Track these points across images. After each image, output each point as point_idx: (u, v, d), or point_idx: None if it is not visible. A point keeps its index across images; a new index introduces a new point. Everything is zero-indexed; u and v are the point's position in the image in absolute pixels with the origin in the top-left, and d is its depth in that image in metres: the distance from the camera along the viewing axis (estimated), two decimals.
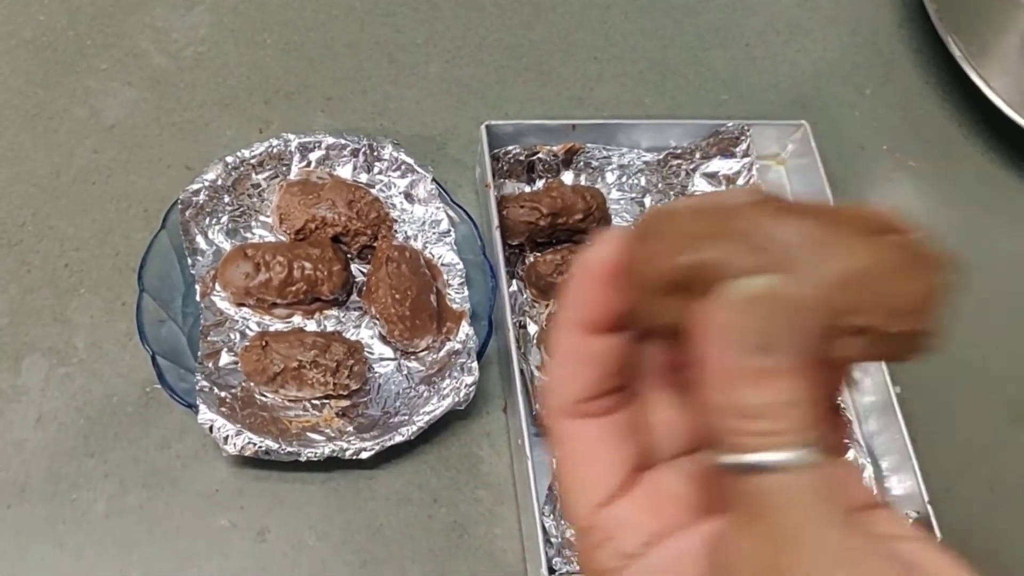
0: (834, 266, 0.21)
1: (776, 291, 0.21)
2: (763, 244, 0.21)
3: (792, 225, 0.22)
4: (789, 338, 0.21)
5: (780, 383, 0.21)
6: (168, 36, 0.72)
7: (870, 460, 0.61)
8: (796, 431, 0.21)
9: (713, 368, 0.21)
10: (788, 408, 0.21)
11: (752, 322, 0.21)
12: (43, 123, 0.67)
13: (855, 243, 0.22)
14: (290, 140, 0.63)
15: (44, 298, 0.61)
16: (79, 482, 0.55)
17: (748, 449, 0.21)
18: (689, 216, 0.23)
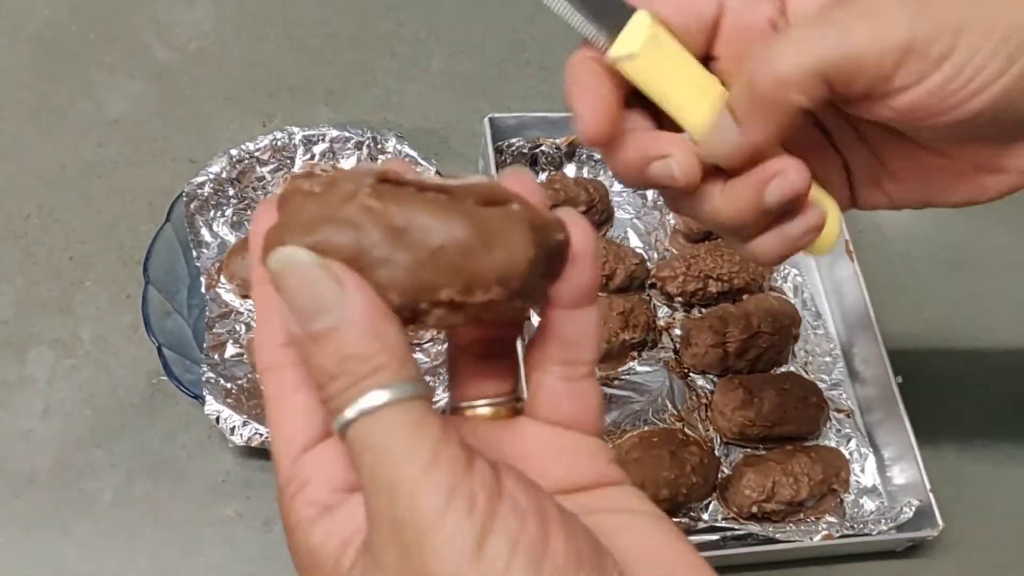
0: (415, 248, 0.22)
1: (298, 258, 0.22)
2: (361, 229, 0.22)
3: (392, 209, 0.23)
4: (335, 294, 0.22)
5: (338, 339, 0.22)
6: (171, 30, 0.73)
7: (872, 450, 0.61)
8: (366, 376, 0.22)
9: (295, 344, 0.23)
10: (356, 359, 0.22)
11: (291, 293, 0.22)
12: (48, 117, 0.67)
13: (450, 221, 0.23)
14: (294, 133, 0.63)
15: (50, 290, 0.61)
16: (86, 472, 0.56)
17: (340, 408, 0.22)
18: (311, 198, 0.23)
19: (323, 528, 0.24)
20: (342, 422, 0.22)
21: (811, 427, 0.60)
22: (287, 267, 0.22)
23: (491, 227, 0.23)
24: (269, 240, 0.23)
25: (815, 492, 0.57)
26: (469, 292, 0.23)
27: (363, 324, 0.22)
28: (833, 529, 0.56)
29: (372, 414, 0.22)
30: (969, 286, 0.70)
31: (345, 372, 0.22)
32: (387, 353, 0.22)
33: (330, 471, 0.24)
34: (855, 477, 0.60)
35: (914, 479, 0.58)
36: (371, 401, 0.22)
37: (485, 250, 0.23)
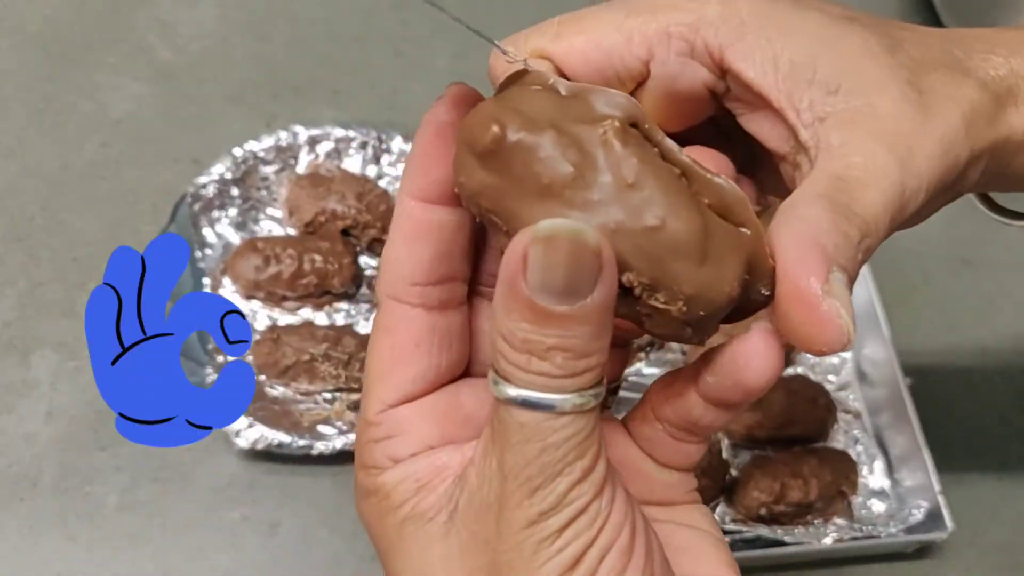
0: (629, 213, 0.21)
1: (587, 239, 0.20)
2: (587, 167, 0.21)
3: (630, 158, 0.21)
4: (589, 287, 0.20)
5: (565, 326, 0.20)
6: (174, 30, 0.72)
7: (881, 452, 0.61)
8: (569, 377, 0.21)
9: (506, 296, 0.21)
10: (570, 354, 0.21)
11: (553, 263, 0.20)
12: (51, 117, 0.67)
13: (681, 210, 0.21)
14: (298, 133, 0.63)
15: (53, 292, 0.61)
16: (91, 476, 0.55)
17: (516, 382, 0.21)
18: (543, 96, 0.22)
19: (399, 473, 0.24)
20: (514, 396, 0.21)
21: (819, 429, 0.60)
22: (562, 237, 0.20)
23: (713, 240, 0.21)
24: (481, 115, 0.21)
25: (824, 494, 0.56)
26: (652, 290, 0.21)
27: (597, 322, 0.21)
28: (842, 531, 0.56)
29: (553, 412, 0.21)
30: (979, 285, 0.69)
31: (554, 360, 0.21)
32: (599, 356, 0.21)
33: (422, 433, 0.24)
34: (864, 479, 0.60)
35: (923, 481, 0.57)
36: (559, 400, 0.21)
37: (695, 260, 0.21)
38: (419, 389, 0.24)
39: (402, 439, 0.24)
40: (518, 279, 0.20)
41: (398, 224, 0.24)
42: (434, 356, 0.25)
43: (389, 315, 0.24)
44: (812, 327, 0.21)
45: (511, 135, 0.21)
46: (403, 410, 0.24)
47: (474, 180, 0.22)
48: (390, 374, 0.24)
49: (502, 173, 0.21)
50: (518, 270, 0.20)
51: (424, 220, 0.24)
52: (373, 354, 0.25)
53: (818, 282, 0.21)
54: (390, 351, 0.24)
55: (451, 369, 0.25)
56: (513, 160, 0.21)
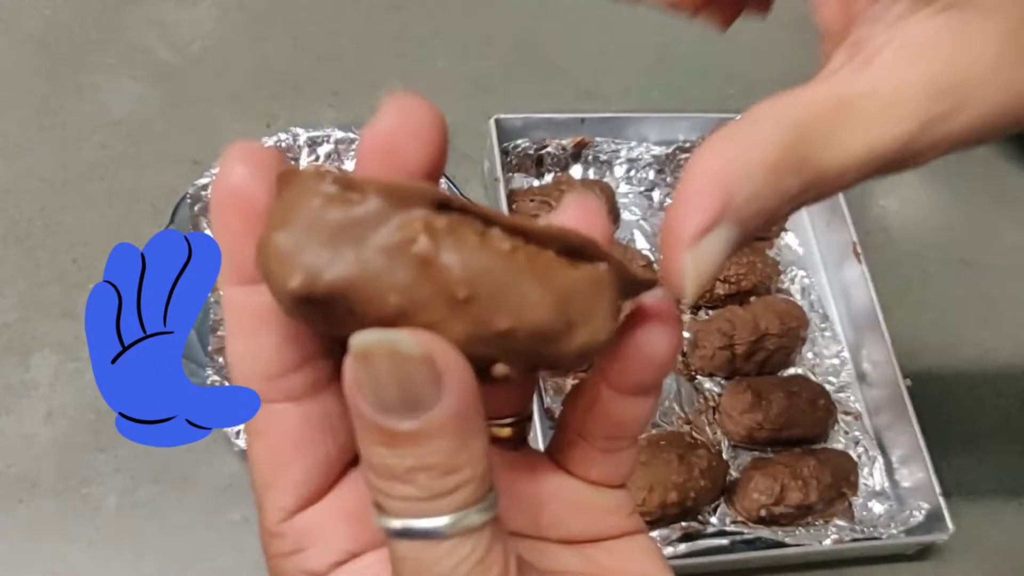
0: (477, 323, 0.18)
1: (402, 348, 0.17)
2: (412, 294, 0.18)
3: (455, 275, 0.18)
4: (431, 396, 0.18)
5: (419, 444, 0.18)
6: (174, 30, 0.72)
7: (881, 453, 0.61)
8: (439, 497, 0.18)
9: (356, 422, 0.19)
10: (434, 471, 0.18)
11: (380, 381, 0.18)
12: (50, 118, 0.67)
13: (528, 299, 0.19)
14: (299, 134, 0.63)
15: (53, 293, 0.60)
16: (90, 477, 0.55)
17: (389, 511, 0.19)
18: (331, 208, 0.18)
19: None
20: (396, 529, 0.19)
21: (819, 430, 0.60)
22: (382, 350, 0.17)
23: (575, 299, 0.19)
24: (278, 253, 0.18)
25: (824, 495, 0.56)
26: (531, 368, 0.20)
27: (454, 433, 0.18)
28: (843, 533, 0.56)
29: (437, 539, 0.18)
30: (978, 286, 0.69)
31: (417, 483, 0.18)
32: (471, 468, 0.18)
33: (335, 539, 0.22)
34: (864, 480, 0.60)
35: (924, 482, 0.57)
36: (439, 523, 0.18)
37: (565, 333, 0.19)
38: (315, 488, 0.22)
39: (316, 551, 0.21)
40: (357, 402, 0.18)
41: (230, 318, 0.21)
42: (318, 449, 0.21)
43: (254, 420, 0.21)
44: (666, 272, 0.21)
45: (316, 288, 0.18)
46: (307, 515, 0.22)
47: (300, 318, 0.19)
48: (277, 480, 0.21)
49: (326, 315, 0.19)
50: (355, 393, 0.18)
51: (256, 305, 0.20)
52: (252, 461, 0.22)
53: (691, 233, 0.20)
54: (268, 456, 0.21)
55: (345, 452, 0.22)
56: (332, 304, 0.18)
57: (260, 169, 0.20)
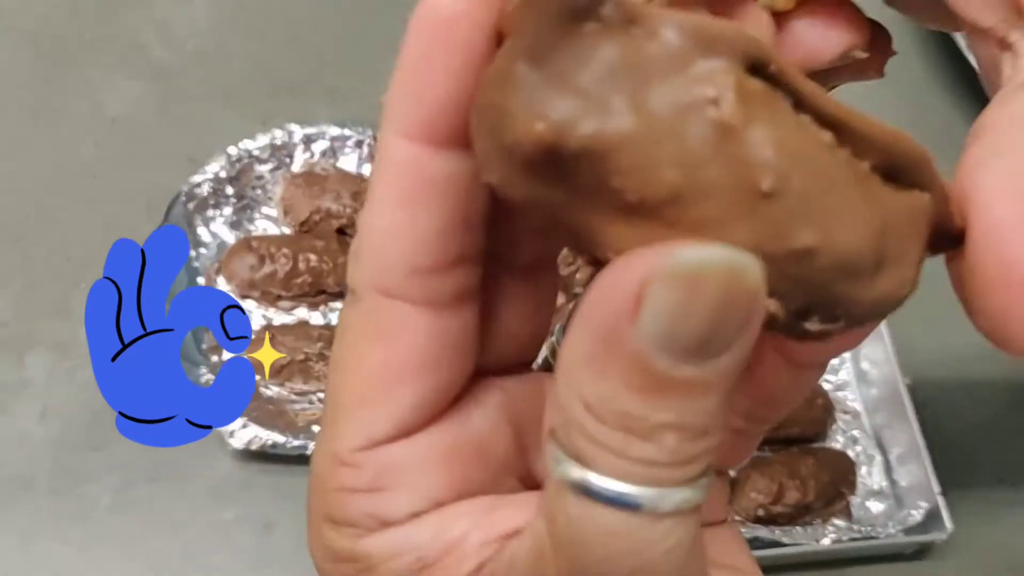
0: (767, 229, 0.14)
1: (747, 279, 0.13)
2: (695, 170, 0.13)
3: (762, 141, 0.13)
4: (727, 344, 0.14)
5: (686, 397, 0.14)
6: (169, 28, 0.72)
7: (880, 452, 0.61)
8: (682, 465, 0.15)
9: (598, 348, 0.14)
10: (687, 433, 0.14)
11: (693, 312, 0.13)
12: (45, 117, 0.67)
13: (844, 216, 0.14)
14: (294, 132, 0.63)
15: (48, 292, 0.60)
16: (84, 476, 0.55)
17: (602, 469, 0.14)
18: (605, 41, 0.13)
19: (391, 542, 0.17)
20: (598, 489, 0.15)
21: (818, 429, 0.60)
22: (714, 277, 0.13)
23: (891, 232, 0.15)
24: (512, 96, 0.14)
25: (822, 495, 0.56)
26: (804, 315, 0.15)
27: (726, 389, 0.14)
28: (840, 532, 0.55)
29: (652, 514, 0.15)
30: None
31: (662, 443, 0.14)
32: (717, 434, 0.15)
33: (425, 484, 0.17)
34: (862, 479, 0.59)
35: (922, 481, 0.57)
36: (662, 497, 0.15)
37: (871, 272, 0.15)
38: (420, 420, 0.17)
39: (397, 493, 0.17)
40: (624, 328, 0.14)
41: (389, 181, 0.16)
42: (444, 374, 0.17)
43: (379, 317, 0.17)
44: (1018, 318, 0.15)
45: (572, 139, 0.13)
46: (396, 449, 0.17)
47: (516, 189, 0.15)
48: (380, 399, 0.17)
49: (563, 184, 0.14)
50: (625, 315, 0.13)
51: (432, 173, 0.16)
52: (351, 369, 0.17)
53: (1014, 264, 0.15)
54: (381, 367, 0.17)
55: (460, 385, 0.18)
56: (579, 169, 0.14)
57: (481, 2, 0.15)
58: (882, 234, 0.15)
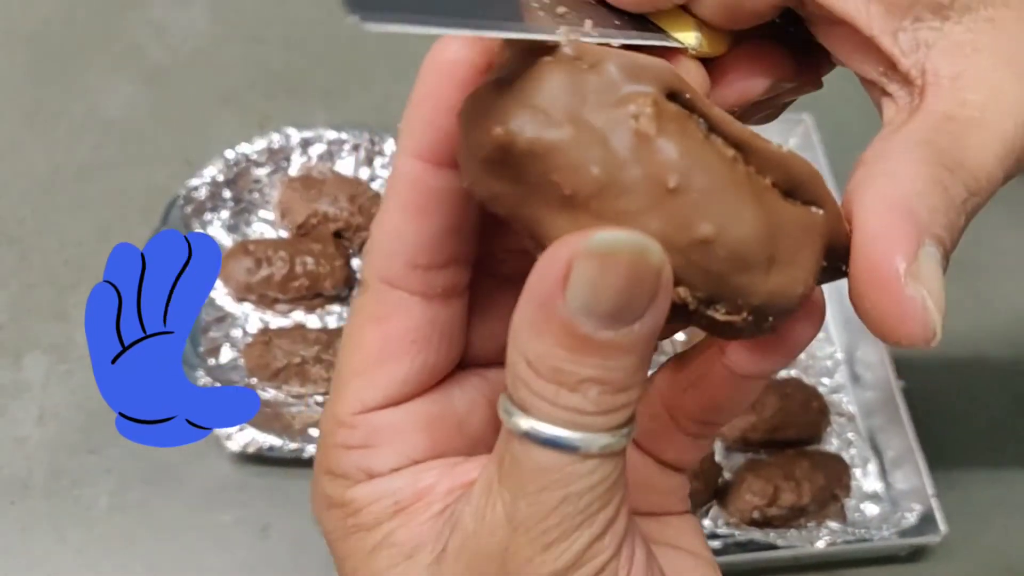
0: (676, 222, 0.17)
1: (650, 257, 0.17)
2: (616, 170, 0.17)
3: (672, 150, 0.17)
4: (641, 311, 0.17)
5: (606, 356, 0.17)
6: (167, 31, 0.72)
7: (874, 454, 0.61)
8: (604, 414, 0.18)
9: (537, 315, 0.17)
10: (608, 387, 0.17)
11: (607, 284, 0.16)
12: (42, 119, 0.67)
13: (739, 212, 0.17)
14: (291, 135, 0.63)
15: (44, 295, 0.60)
16: (81, 478, 0.55)
17: (538, 415, 0.18)
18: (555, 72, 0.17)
19: (373, 490, 0.21)
20: (535, 432, 0.18)
21: (813, 432, 0.60)
22: (623, 254, 0.16)
23: (781, 237, 0.18)
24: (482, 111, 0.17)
25: (817, 497, 0.56)
26: (710, 303, 0.18)
27: (643, 352, 0.17)
28: (835, 535, 0.55)
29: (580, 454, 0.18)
30: (973, 287, 0.69)
31: (587, 394, 0.17)
32: (636, 390, 0.18)
33: (406, 445, 0.21)
34: (857, 482, 0.60)
35: (917, 484, 0.57)
36: (588, 440, 0.18)
37: (761, 267, 0.17)
38: (408, 391, 0.21)
39: (382, 451, 0.21)
40: (555, 297, 0.17)
41: (398, 191, 0.20)
42: (431, 353, 0.21)
43: (381, 302, 0.20)
44: (890, 317, 0.19)
45: (520, 140, 0.17)
46: (386, 415, 0.21)
47: (483, 187, 0.18)
48: (376, 371, 0.21)
49: (516, 180, 0.18)
50: (556, 287, 0.17)
51: (433, 187, 0.20)
52: (354, 345, 0.21)
53: (903, 261, 0.18)
54: (379, 344, 0.21)
55: (447, 366, 0.22)
56: (527, 167, 0.17)
57: (476, 47, 0.19)
58: (773, 235, 0.17)
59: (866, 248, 0.19)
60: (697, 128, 0.17)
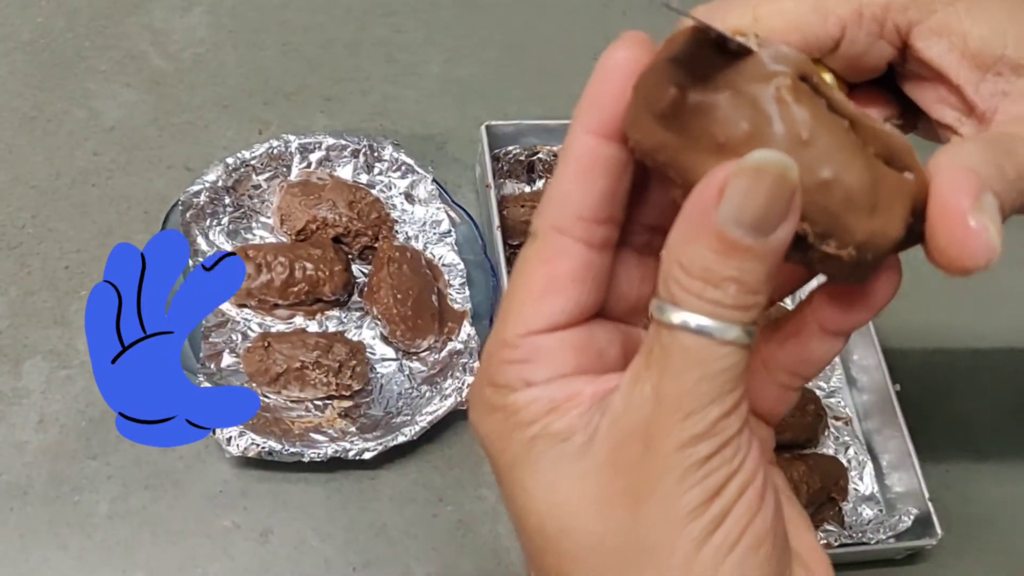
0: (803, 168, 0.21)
1: (791, 176, 0.21)
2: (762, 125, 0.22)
3: (804, 114, 0.22)
4: (776, 224, 0.21)
5: (745, 259, 0.21)
6: (167, 37, 0.72)
7: (870, 457, 0.61)
8: (739, 309, 0.22)
9: (694, 224, 0.22)
10: (743, 287, 0.22)
11: (753, 196, 0.21)
12: (42, 125, 0.67)
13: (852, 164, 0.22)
14: (290, 141, 0.63)
15: (44, 300, 0.61)
16: (81, 484, 0.55)
17: (687, 306, 0.22)
18: (716, 54, 0.23)
19: (531, 394, 0.24)
20: (682, 321, 0.22)
21: (809, 435, 0.60)
22: (771, 170, 0.21)
23: (881, 190, 0.22)
24: (659, 75, 0.22)
25: (814, 500, 0.57)
26: (824, 238, 0.22)
27: (773, 261, 0.22)
28: (831, 538, 0.56)
29: (718, 340, 0.22)
30: (970, 289, 0.70)
31: (728, 290, 0.22)
32: (765, 296, 0.22)
33: (558, 361, 0.25)
34: (854, 485, 0.60)
35: (913, 487, 0.57)
36: (726, 329, 0.22)
37: (865, 210, 0.22)
38: (563, 321, 0.25)
39: (539, 364, 0.25)
40: (710, 209, 0.21)
41: (571, 157, 0.25)
42: (585, 292, 0.25)
43: (549, 246, 0.25)
44: (957, 242, 0.22)
45: (690, 97, 0.22)
46: (543, 338, 0.25)
47: (651, 137, 0.23)
48: (540, 301, 0.25)
49: (679, 131, 0.22)
50: (712, 200, 0.21)
51: (599, 155, 0.24)
52: (523, 281, 0.25)
53: (968, 199, 0.22)
54: (545, 279, 0.25)
55: (593, 308, 0.26)
56: (691, 120, 0.22)
57: (642, 50, 0.24)
58: (875, 187, 0.22)
59: (941, 193, 0.23)
60: (822, 106, 0.22)
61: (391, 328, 0.59)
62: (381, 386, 0.59)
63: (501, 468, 0.25)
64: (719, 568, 0.22)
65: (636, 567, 0.23)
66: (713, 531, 0.22)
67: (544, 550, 0.24)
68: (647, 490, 0.22)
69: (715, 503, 0.22)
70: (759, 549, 0.23)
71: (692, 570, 0.22)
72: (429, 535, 0.56)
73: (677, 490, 0.22)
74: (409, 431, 0.55)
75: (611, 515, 0.23)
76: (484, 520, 0.57)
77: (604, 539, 0.23)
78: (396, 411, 0.58)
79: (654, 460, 0.22)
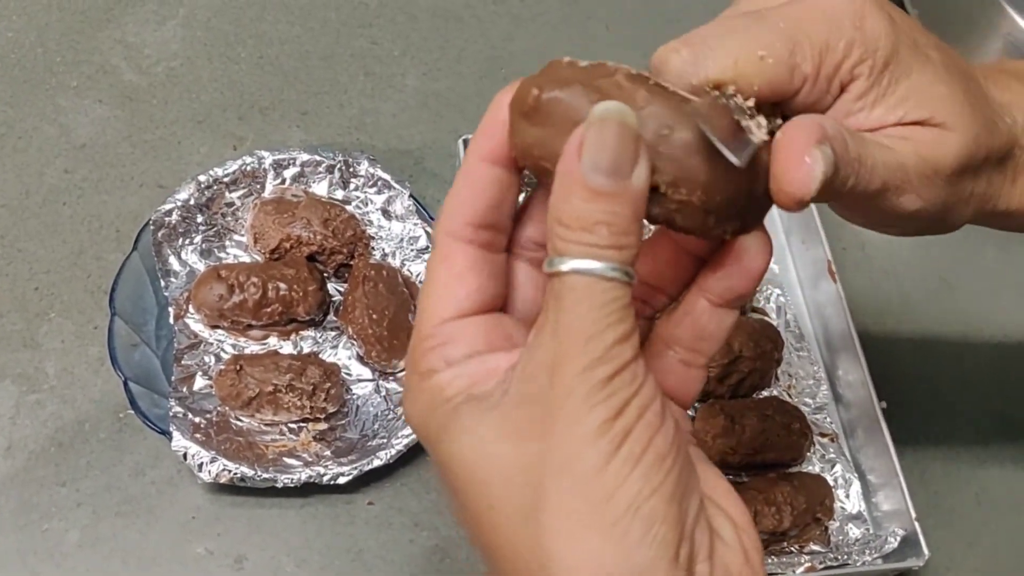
0: (645, 128, 0.25)
1: (629, 120, 0.25)
2: (607, 97, 0.26)
3: (640, 90, 0.26)
4: (629, 167, 0.25)
5: (610, 203, 0.25)
6: (140, 52, 0.71)
7: (857, 475, 0.60)
8: (613, 248, 0.25)
9: (564, 181, 0.25)
10: (614, 228, 0.25)
11: (604, 142, 0.25)
12: (12, 142, 0.66)
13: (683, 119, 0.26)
14: (264, 157, 0.62)
15: (13, 323, 0.59)
16: (51, 512, 0.54)
17: (569, 253, 0.25)
18: (572, 66, 0.27)
19: (452, 372, 0.27)
20: (568, 267, 0.25)
21: (794, 454, 0.59)
22: (612, 120, 0.25)
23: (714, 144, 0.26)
24: (524, 84, 0.27)
25: (798, 522, 0.55)
26: (674, 185, 0.26)
27: (635, 204, 0.25)
28: (816, 560, 0.55)
29: (600, 277, 0.25)
30: (956, 306, 0.69)
31: (599, 233, 0.25)
32: (635, 238, 0.25)
33: (471, 341, 0.28)
34: (840, 503, 0.59)
35: (899, 506, 0.56)
36: (605, 267, 0.25)
37: (703, 154, 0.25)
38: (470, 307, 0.28)
39: (454, 345, 0.28)
40: (575, 164, 0.25)
41: (465, 176, 0.29)
42: (484, 280, 0.28)
43: (446, 247, 0.29)
44: (792, 169, 0.27)
45: (546, 94, 0.26)
46: (455, 323, 0.28)
47: (526, 135, 0.27)
48: (446, 292, 0.28)
49: (545, 124, 0.26)
50: (575, 157, 0.25)
51: (487, 175, 0.28)
52: (429, 280, 0.29)
53: (808, 141, 0.27)
54: (446, 273, 0.28)
55: (495, 300, 0.29)
56: (552, 112, 0.26)
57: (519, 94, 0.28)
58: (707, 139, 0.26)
59: (787, 129, 0.28)
60: (654, 85, 0.26)
61: (366, 348, 0.57)
62: (357, 407, 0.58)
63: (432, 442, 0.28)
64: (628, 478, 0.25)
65: (553, 487, 0.25)
66: (620, 445, 0.25)
67: (479, 510, 0.27)
68: (555, 414, 0.25)
69: (618, 421, 0.25)
70: (662, 463, 0.25)
71: (604, 481, 0.24)
72: (406, 561, 0.55)
73: (582, 408, 0.25)
74: (385, 455, 0.54)
75: (527, 445, 0.26)
76: (462, 546, 0.55)
77: (523, 468, 0.26)
78: (372, 434, 0.57)
79: (560, 386, 0.25)
